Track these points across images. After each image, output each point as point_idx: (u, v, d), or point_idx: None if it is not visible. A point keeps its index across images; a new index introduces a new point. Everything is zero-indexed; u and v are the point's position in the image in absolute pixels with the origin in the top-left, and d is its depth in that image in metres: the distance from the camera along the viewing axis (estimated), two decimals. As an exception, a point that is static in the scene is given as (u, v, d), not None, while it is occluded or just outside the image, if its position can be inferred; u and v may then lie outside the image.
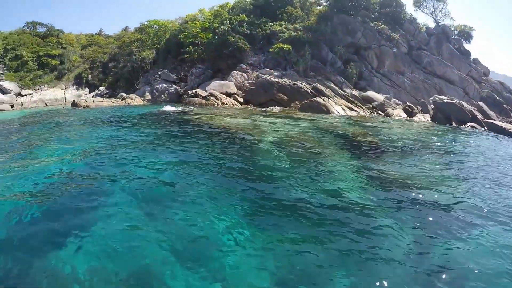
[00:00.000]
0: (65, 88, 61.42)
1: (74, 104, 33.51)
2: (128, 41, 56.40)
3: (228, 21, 35.84)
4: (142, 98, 34.85)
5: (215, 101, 25.98)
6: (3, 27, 67.79)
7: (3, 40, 66.66)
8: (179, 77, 38.04)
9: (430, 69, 40.06)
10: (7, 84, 58.10)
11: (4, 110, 53.78)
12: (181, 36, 38.08)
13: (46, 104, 56.93)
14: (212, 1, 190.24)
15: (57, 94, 59.70)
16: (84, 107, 30.88)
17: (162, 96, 34.74)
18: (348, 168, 9.92)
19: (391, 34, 39.91)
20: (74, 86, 62.05)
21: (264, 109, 24.62)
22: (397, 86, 37.21)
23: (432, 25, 48.01)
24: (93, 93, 56.34)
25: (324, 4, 42.95)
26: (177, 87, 35.42)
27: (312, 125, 18.09)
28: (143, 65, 44.64)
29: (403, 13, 44.42)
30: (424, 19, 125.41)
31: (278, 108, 25.61)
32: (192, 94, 27.91)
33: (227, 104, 25.88)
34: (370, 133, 16.50)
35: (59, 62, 63.03)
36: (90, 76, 62.64)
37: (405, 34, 42.35)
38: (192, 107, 24.78)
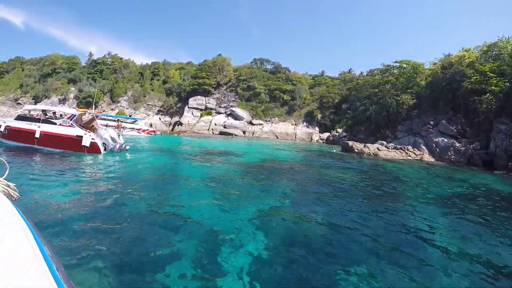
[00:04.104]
0: (295, 124, 63.46)
1: (347, 148, 31.36)
2: (365, 83, 54.34)
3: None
4: (419, 153, 30.31)
5: None
6: (234, 61, 75.42)
7: (234, 71, 75.07)
8: (458, 131, 32.15)
9: None
10: (239, 111, 63.52)
11: (237, 135, 58.64)
12: (470, 81, 32.27)
13: (277, 137, 59.33)
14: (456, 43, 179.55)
15: (288, 129, 61.88)
16: (368, 154, 28.51)
17: (448, 153, 29.36)
18: None
19: None
20: (304, 123, 63.58)
21: None
22: None
23: None
24: (328, 134, 55.90)
25: None
26: (464, 145, 29.49)
27: None
28: (400, 110, 40.69)
29: None
30: None
31: None
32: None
33: None
34: None
35: (290, 98, 66.21)
36: (319, 116, 63.29)
37: None
38: None
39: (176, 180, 11.72)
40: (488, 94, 30.21)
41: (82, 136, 16.44)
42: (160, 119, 67.93)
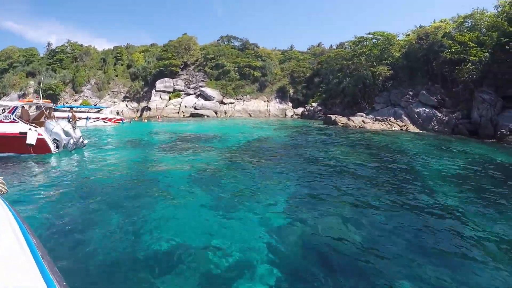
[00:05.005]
0: (268, 101, 61.24)
1: (330, 122, 29.64)
2: (336, 56, 52.53)
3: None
4: (403, 124, 29.11)
5: None
6: (200, 40, 71.53)
7: (201, 50, 71.24)
8: (438, 101, 31.07)
9: None
10: (209, 91, 60.39)
11: (209, 117, 55.83)
12: (450, 51, 31.09)
13: (250, 115, 57.04)
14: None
15: (260, 106, 59.61)
16: (354, 127, 27.23)
17: (431, 124, 28.27)
18: None
19: None
20: (277, 99, 61.47)
21: None
22: None
23: None
24: (302, 109, 54.07)
25: None
26: (446, 114, 28.50)
27: None
28: (377, 82, 39.22)
29: None
30: None
31: None
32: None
33: None
34: None
35: (260, 74, 63.57)
36: (291, 91, 61.34)
37: None
38: None
39: (151, 187, 8.76)
40: (469, 63, 29.10)
41: (26, 133, 12.74)
42: (126, 105, 63.81)
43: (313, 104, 52.09)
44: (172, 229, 5.73)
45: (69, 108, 33.93)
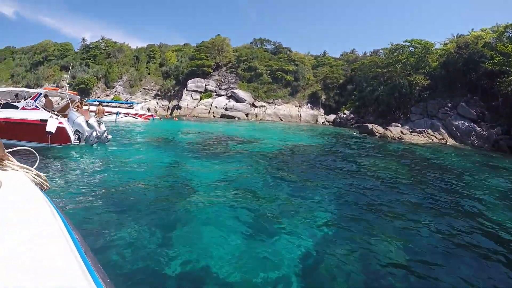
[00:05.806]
0: (299, 106, 61.30)
1: (367, 131, 29.51)
2: (371, 63, 52.14)
3: None
4: (441, 137, 28.61)
5: None
6: (233, 41, 71.82)
7: (234, 52, 71.93)
8: (477, 114, 30.34)
9: None
10: (241, 93, 60.86)
11: (240, 119, 56.11)
12: (492, 62, 30.33)
13: (281, 120, 57.29)
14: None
15: (292, 111, 59.72)
16: (392, 138, 27.12)
17: (470, 138, 27.65)
18: None
19: None
20: (309, 105, 61.43)
21: None
22: None
23: None
24: (334, 116, 53.87)
25: None
26: (486, 129, 27.79)
27: None
28: (413, 91, 38.64)
29: None
30: None
31: None
32: None
33: None
34: None
35: (293, 78, 63.69)
36: (324, 97, 61.15)
37: None
38: None
39: (176, 193, 7.65)
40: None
41: (47, 120, 12.27)
42: (157, 103, 65.34)
43: (346, 111, 51.80)
44: (197, 247, 4.94)
45: (98, 103, 33.69)
